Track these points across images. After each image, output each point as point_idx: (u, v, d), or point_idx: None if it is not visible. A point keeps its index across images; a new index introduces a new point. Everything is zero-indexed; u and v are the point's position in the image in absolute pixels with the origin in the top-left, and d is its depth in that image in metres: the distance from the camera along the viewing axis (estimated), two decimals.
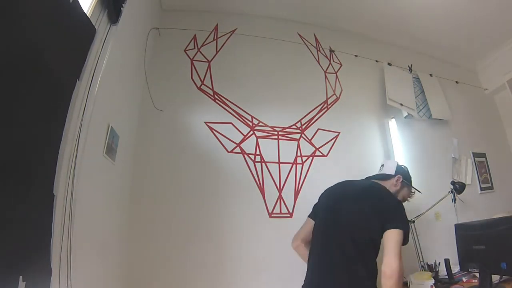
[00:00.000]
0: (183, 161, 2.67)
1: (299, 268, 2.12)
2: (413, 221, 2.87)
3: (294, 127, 3.07)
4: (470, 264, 2.32)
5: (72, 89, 1.42)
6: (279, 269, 2.55)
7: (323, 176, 2.92)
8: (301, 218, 2.48)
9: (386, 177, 2.36)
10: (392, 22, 3.65)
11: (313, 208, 2.32)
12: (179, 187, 2.59)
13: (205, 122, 2.83)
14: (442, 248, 2.86)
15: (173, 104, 2.83)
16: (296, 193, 2.84)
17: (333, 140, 3.16)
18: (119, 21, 1.88)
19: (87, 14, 1.55)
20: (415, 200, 3.13)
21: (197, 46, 3.12)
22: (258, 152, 2.85)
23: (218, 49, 3.17)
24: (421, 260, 2.81)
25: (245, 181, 2.75)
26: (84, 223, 1.52)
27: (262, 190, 2.76)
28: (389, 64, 3.73)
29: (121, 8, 1.89)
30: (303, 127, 3.10)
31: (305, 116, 3.16)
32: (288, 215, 2.74)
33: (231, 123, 2.89)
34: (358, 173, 3.08)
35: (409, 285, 2.51)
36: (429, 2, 3.30)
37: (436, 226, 3.17)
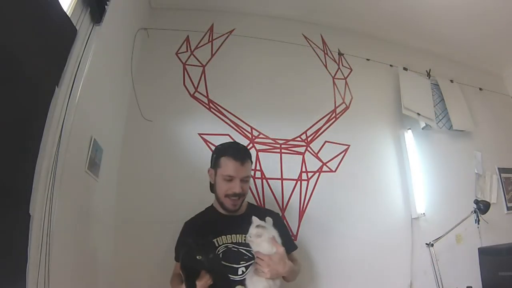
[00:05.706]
0: (174, 177, 2.67)
1: None
2: (432, 245, 2.86)
3: (298, 139, 3.08)
4: None
5: (50, 97, 1.44)
6: None
7: (331, 194, 2.93)
8: (307, 242, 2.47)
9: None
10: (408, 22, 3.66)
11: None
12: (169, 205, 2.56)
13: (199, 134, 2.83)
14: (464, 275, 2.86)
15: (163, 113, 2.84)
16: (301, 213, 2.81)
17: (342, 154, 3.16)
18: (103, 21, 1.90)
19: (67, 13, 1.57)
20: (434, 221, 3.14)
21: (190, 49, 3.14)
22: (258, 168, 2.85)
23: (213, 52, 3.20)
24: None
25: None
26: (64, 247, 1.52)
27: None
28: (405, 68, 3.75)
29: (105, 7, 1.91)
30: (309, 139, 3.11)
31: (311, 127, 3.16)
32: (292, 238, 2.72)
33: (228, 134, 2.89)
34: (370, 190, 3.09)
35: None
36: (450, 0, 3.31)
37: (457, 250, 3.14)
